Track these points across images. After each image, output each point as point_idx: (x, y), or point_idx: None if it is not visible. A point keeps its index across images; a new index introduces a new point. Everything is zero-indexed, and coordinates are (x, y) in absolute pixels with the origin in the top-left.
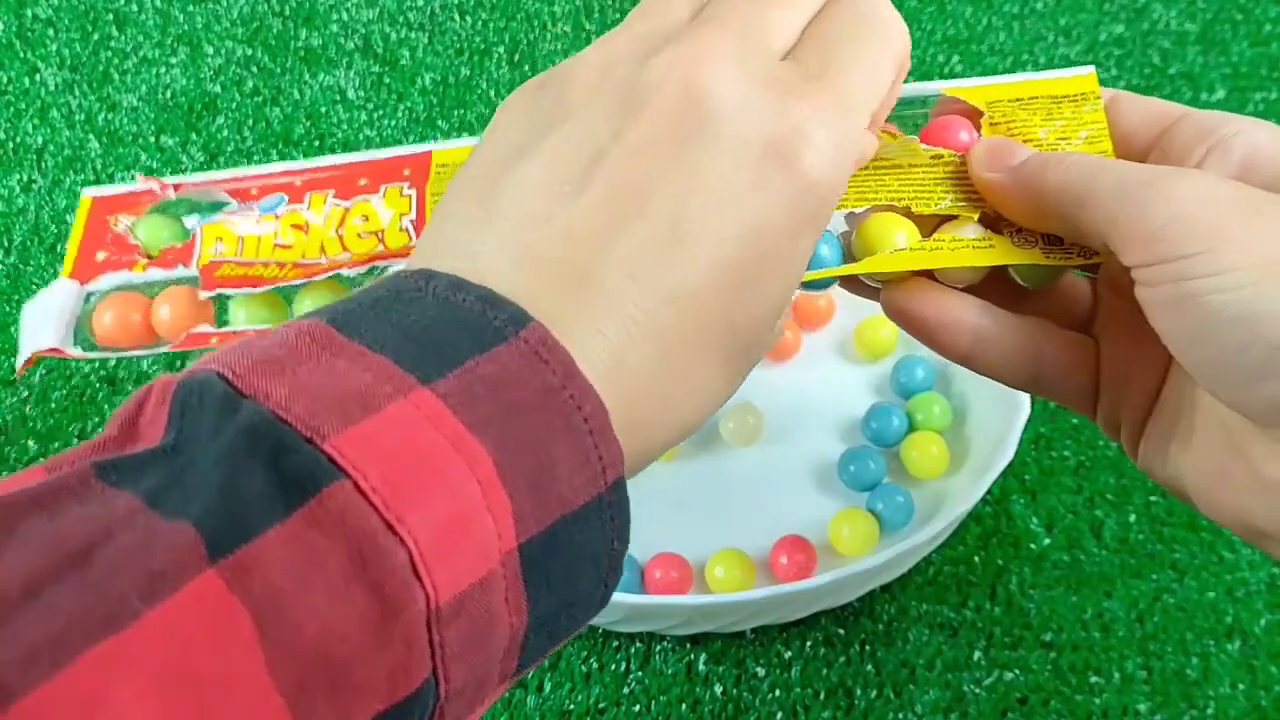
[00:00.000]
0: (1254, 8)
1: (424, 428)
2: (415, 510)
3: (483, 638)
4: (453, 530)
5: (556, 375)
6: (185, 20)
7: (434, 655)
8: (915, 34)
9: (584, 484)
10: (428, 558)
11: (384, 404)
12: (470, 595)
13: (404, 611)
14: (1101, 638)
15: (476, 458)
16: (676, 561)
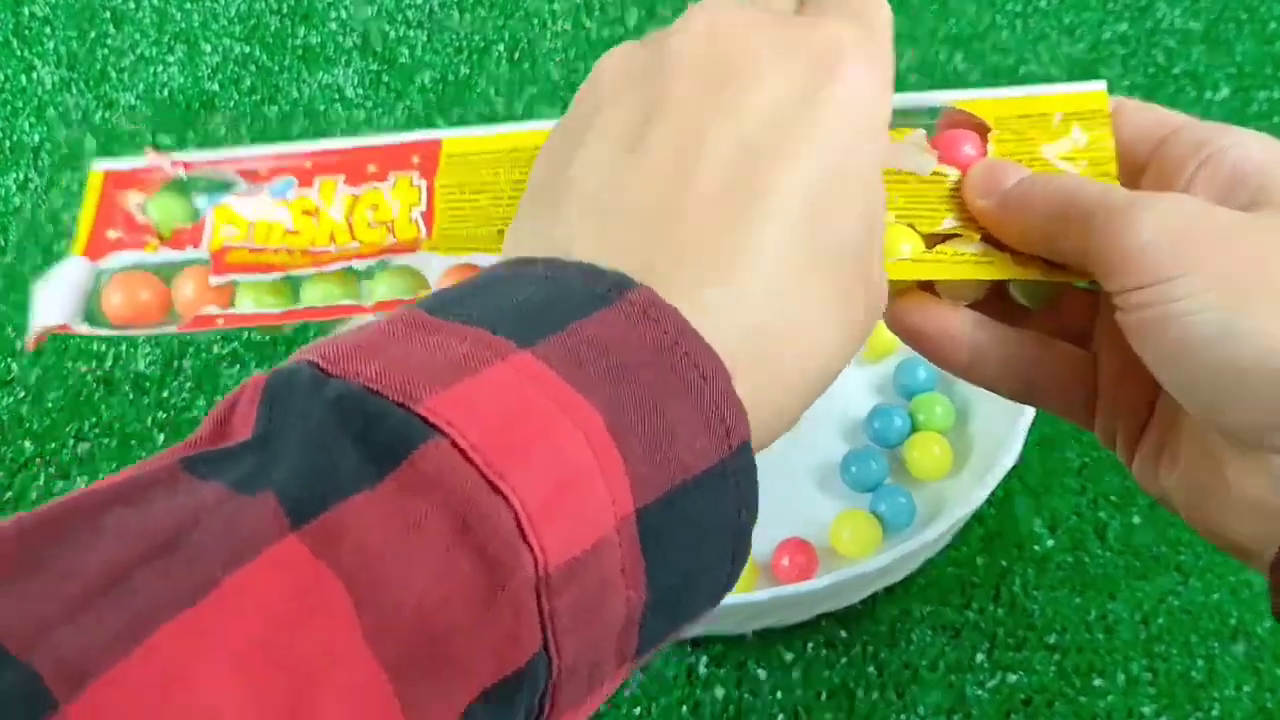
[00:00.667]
0: (1259, 6)
1: (525, 387)
2: (519, 469)
3: (595, 610)
4: (562, 491)
5: (669, 334)
6: (183, 18)
7: (544, 627)
8: (918, 32)
9: (706, 447)
10: (535, 519)
11: (481, 368)
12: (583, 562)
13: (511, 577)
14: (1106, 639)
15: (585, 416)
16: None
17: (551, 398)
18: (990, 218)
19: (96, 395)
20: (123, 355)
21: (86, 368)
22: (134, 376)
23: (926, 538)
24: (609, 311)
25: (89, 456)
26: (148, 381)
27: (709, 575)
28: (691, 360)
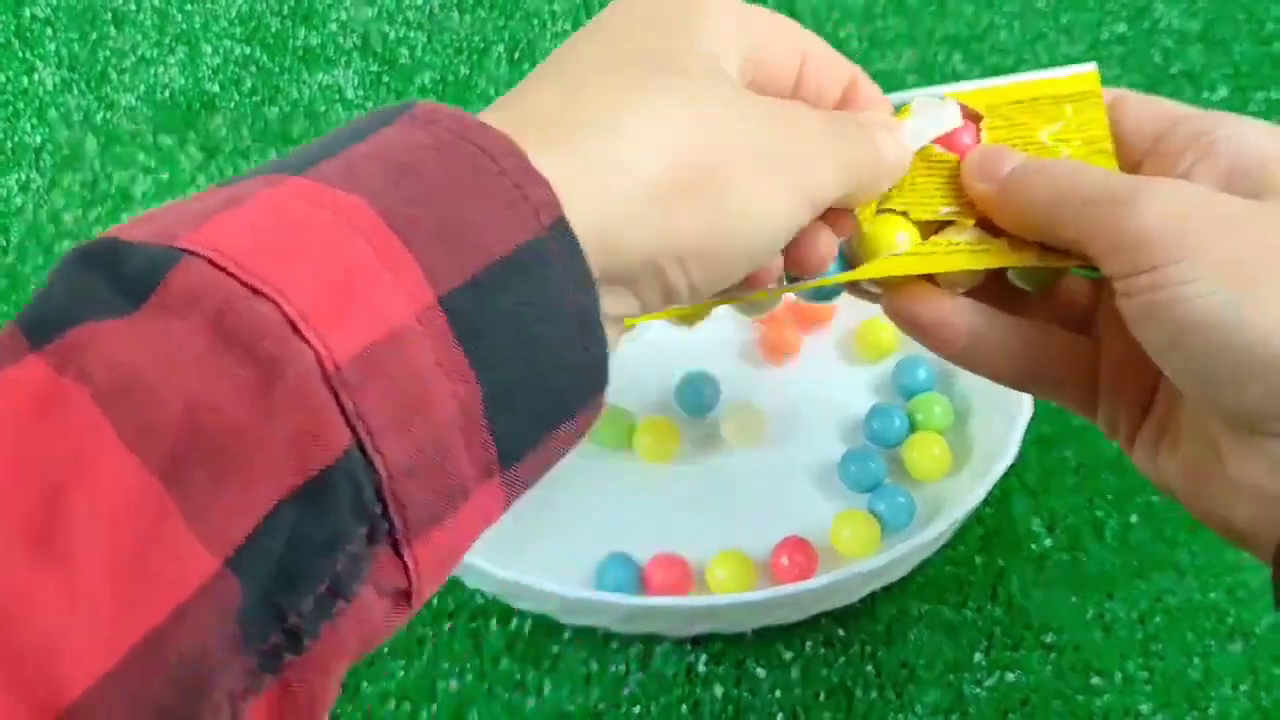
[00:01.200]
0: (1256, 6)
1: (291, 203)
2: (283, 270)
3: (417, 405)
4: (338, 286)
5: (450, 131)
6: (183, 19)
7: (350, 424)
8: (916, 33)
9: (511, 228)
10: (308, 314)
11: (248, 200)
12: (380, 353)
13: (286, 371)
14: (1103, 638)
15: (358, 215)
16: (677, 562)
17: (320, 205)
18: (990, 203)
19: None
20: None
21: None
22: None
23: (925, 537)
24: (388, 129)
25: None
26: None
27: (557, 365)
28: (480, 148)
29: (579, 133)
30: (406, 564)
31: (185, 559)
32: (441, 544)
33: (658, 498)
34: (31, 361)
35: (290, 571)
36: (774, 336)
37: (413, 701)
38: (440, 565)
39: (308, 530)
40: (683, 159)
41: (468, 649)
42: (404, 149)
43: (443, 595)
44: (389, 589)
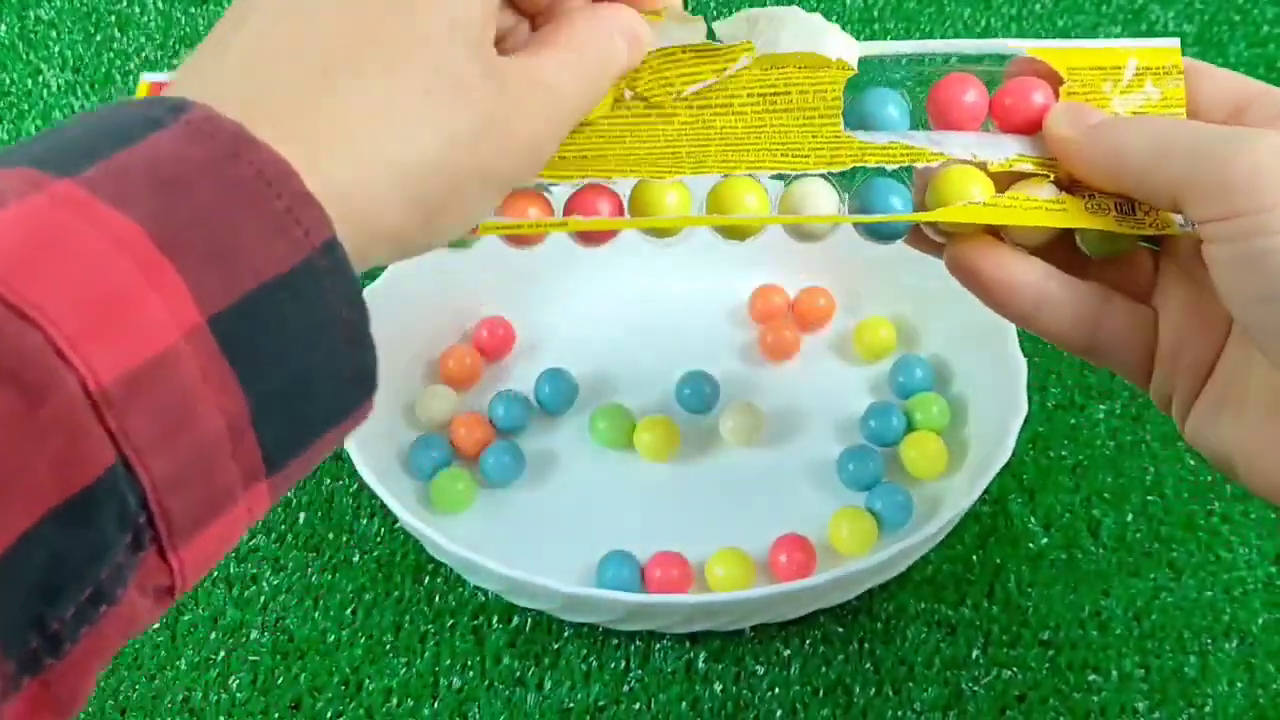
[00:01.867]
0: (1251, 9)
1: (57, 214)
2: (50, 293)
3: (181, 422)
4: (104, 308)
5: (225, 147)
6: (187, 22)
7: (116, 443)
8: (914, 35)
9: (282, 250)
10: (74, 339)
11: (12, 202)
12: (146, 375)
13: (49, 398)
14: (1099, 636)
15: (126, 234)
16: (676, 560)
17: (87, 220)
18: (1076, 149)
19: None
20: None
21: None
22: None
23: (922, 536)
24: (162, 134)
25: None
26: None
27: (326, 377)
28: (255, 169)
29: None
30: (172, 565)
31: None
32: (208, 544)
33: (657, 496)
34: None
35: (51, 584)
36: (773, 336)
37: (414, 698)
38: (206, 561)
39: (69, 545)
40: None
41: (469, 646)
42: (178, 165)
43: (444, 593)
44: (153, 588)
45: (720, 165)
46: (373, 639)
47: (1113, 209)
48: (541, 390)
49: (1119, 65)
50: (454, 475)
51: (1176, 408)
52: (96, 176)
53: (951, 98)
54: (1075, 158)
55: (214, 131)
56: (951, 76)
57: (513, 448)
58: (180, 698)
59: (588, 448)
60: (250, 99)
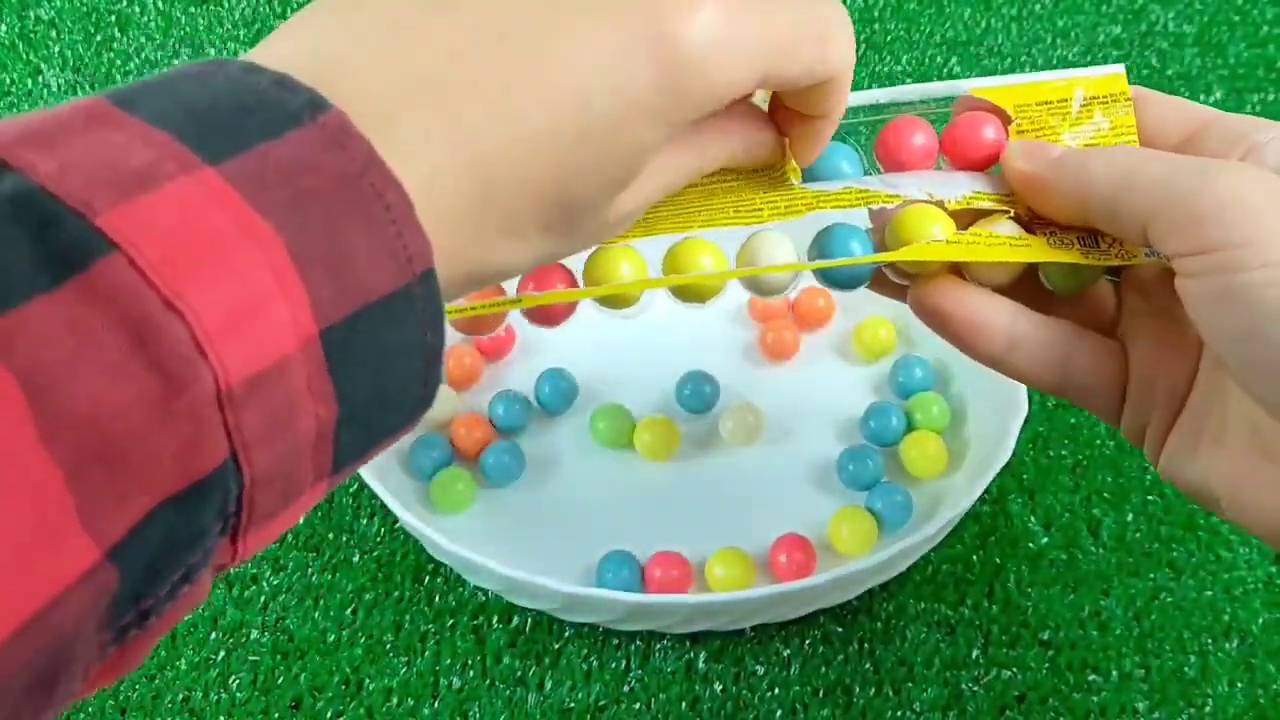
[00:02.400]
0: (1251, 9)
1: (209, 208)
2: (197, 288)
3: (285, 424)
4: (241, 311)
5: (356, 163)
6: (187, 22)
7: (230, 439)
8: (914, 36)
9: (389, 273)
10: (213, 336)
11: (164, 183)
12: (266, 379)
13: (187, 390)
14: (1099, 636)
15: (267, 241)
16: (676, 560)
17: (234, 220)
18: (1039, 184)
19: None
20: None
21: None
22: None
23: (921, 536)
24: (298, 133)
25: None
26: None
27: (400, 393)
28: (376, 191)
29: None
30: (238, 550)
31: (74, 549)
32: (270, 533)
33: (658, 496)
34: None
35: (157, 564)
36: (773, 336)
37: (414, 698)
38: (261, 546)
39: (179, 529)
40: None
41: (469, 646)
42: (313, 174)
43: (444, 593)
44: (216, 567)
45: (673, 227)
46: (373, 639)
47: (1076, 242)
48: (541, 390)
49: (1065, 98)
50: (454, 475)
51: (1149, 441)
52: (242, 170)
53: (900, 141)
54: (1038, 193)
55: (346, 143)
56: (898, 120)
57: (513, 448)
58: (180, 698)
59: (588, 447)
60: (391, 90)
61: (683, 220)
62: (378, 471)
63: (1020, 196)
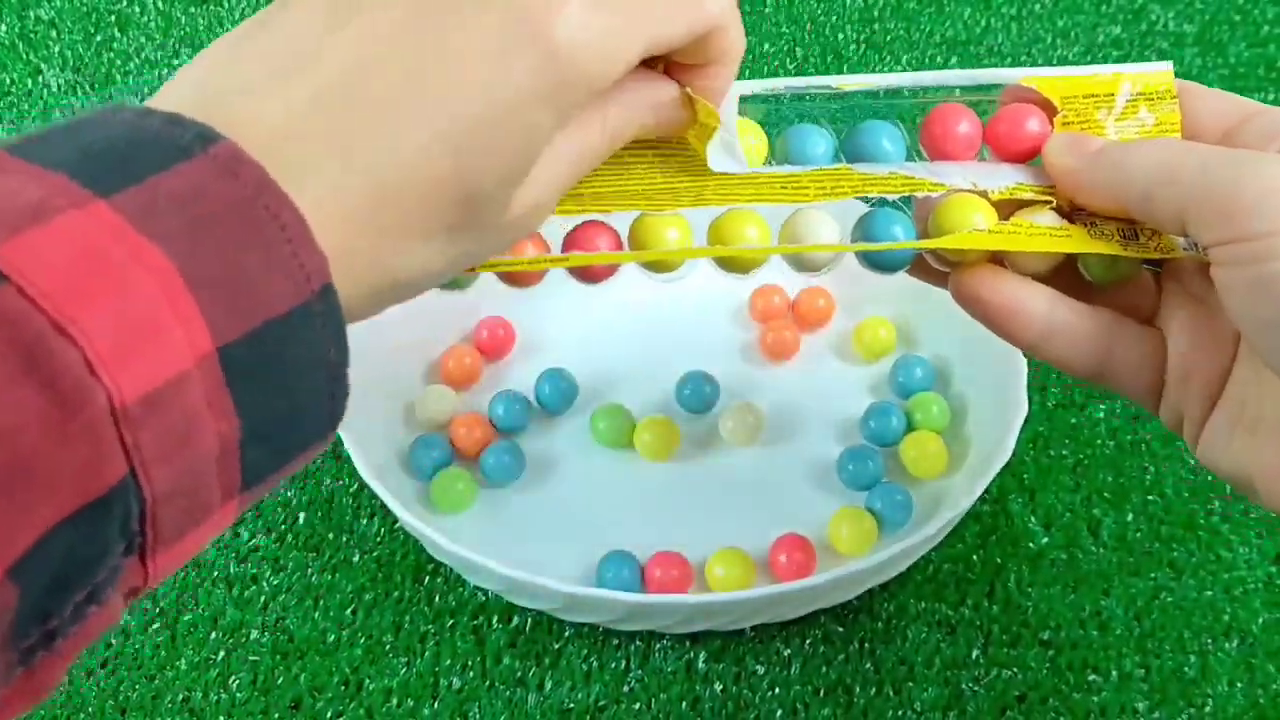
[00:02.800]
0: (1251, 9)
1: (100, 237)
2: (88, 313)
3: (184, 441)
4: (133, 332)
5: (248, 188)
6: (187, 22)
7: (129, 456)
8: (914, 36)
9: (286, 291)
10: (105, 357)
11: (55, 216)
12: (161, 396)
13: (83, 410)
14: (1099, 636)
15: (158, 266)
16: (676, 560)
17: (124, 248)
18: (1078, 178)
19: None
20: None
21: None
22: None
23: (922, 535)
24: (189, 164)
25: None
26: None
27: (306, 409)
28: (271, 213)
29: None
30: (148, 570)
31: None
32: (180, 553)
33: (657, 496)
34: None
35: (61, 582)
36: (773, 336)
37: (414, 698)
38: (173, 567)
39: (81, 547)
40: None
41: (469, 646)
42: (206, 202)
43: (444, 593)
44: (128, 589)
45: (720, 199)
46: (373, 639)
47: (1116, 234)
48: (541, 390)
49: (1112, 92)
50: (454, 475)
51: (1188, 429)
52: (133, 202)
53: (946, 129)
54: (1078, 185)
55: (238, 170)
56: (944, 107)
57: (513, 447)
58: (180, 698)
59: (588, 447)
60: (281, 126)
61: (730, 195)
62: (377, 471)
63: (1061, 189)
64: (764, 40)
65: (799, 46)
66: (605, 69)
